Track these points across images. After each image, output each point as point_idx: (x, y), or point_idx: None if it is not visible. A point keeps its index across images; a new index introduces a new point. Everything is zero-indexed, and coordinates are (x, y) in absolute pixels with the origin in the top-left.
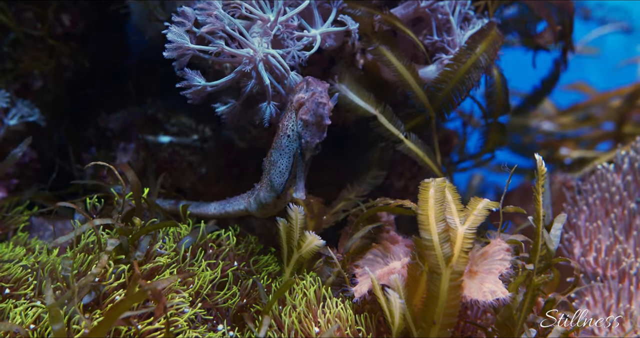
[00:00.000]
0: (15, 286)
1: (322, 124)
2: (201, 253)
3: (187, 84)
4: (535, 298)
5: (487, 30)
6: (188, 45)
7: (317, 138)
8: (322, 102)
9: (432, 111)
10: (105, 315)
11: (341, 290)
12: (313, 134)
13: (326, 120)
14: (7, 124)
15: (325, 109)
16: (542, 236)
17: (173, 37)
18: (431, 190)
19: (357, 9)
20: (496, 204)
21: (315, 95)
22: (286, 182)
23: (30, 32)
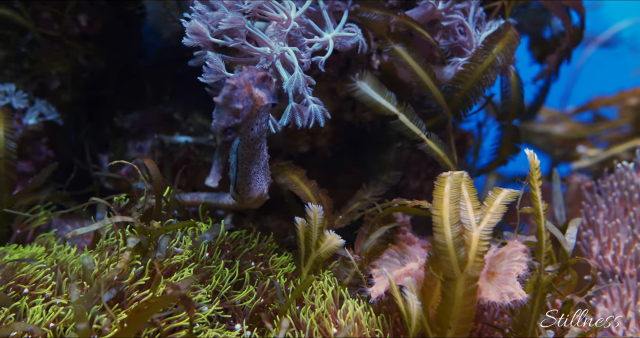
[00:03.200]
0: (34, 285)
1: (229, 106)
2: (218, 253)
3: (214, 74)
4: (545, 297)
5: (504, 31)
6: (209, 37)
7: (224, 122)
8: (230, 84)
9: (448, 111)
10: (134, 317)
11: (358, 291)
12: (220, 116)
13: (234, 103)
14: (26, 124)
15: (236, 92)
16: (544, 232)
17: (194, 24)
18: (447, 187)
19: (371, 13)
20: (516, 193)
21: (234, 78)
22: (236, 176)
23: (47, 32)
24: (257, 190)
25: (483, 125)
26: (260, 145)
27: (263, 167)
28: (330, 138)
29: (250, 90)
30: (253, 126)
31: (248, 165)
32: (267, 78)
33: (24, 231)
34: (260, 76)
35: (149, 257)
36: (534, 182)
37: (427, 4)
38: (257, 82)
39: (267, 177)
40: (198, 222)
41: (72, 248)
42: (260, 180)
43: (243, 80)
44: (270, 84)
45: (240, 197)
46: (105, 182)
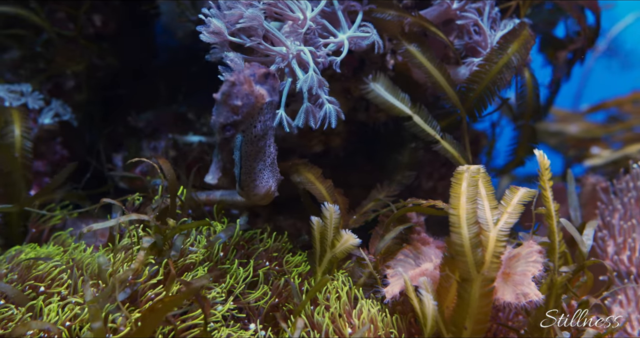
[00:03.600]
0: (50, 284)
1: (228, 103)
2: (233, 252)
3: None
4: (560, 298)
5: (519, 31)
6: (227, 35)
7: (222, 118)
8: (229, 80)
9: (463, 112)
10: (149, 315)
11: (372, 291)
12: (219, 113)
13: (233, 100)
14: (41, 123)
15: (235, 89)
16: (557, 233)
17: (213, 22)
18: (464, 184)
19: (386, 13)
20: (533, 192)
21: (233, 75)
22: (240, 173)
23: (63, 32)
24: (263, 187)
25: (496, 126)
26: (265, 143)
27: (270, 164)
28: (344, 138)
29: (250, 87)
30: (256, 123)
31: (252, 163)
32: (269, 75)
33: (40, 230)
34: (262, 73)
35: (164, 256)
36: (544, 182)
37: (442, 3)
38: (258, 79)
39: (276, 174)
40: (213, 222)
41: (88, 247)
42: (267, 178)
43: (243, 76)
44: (274, 81)
45: (246, 194)
46: (120, 181)
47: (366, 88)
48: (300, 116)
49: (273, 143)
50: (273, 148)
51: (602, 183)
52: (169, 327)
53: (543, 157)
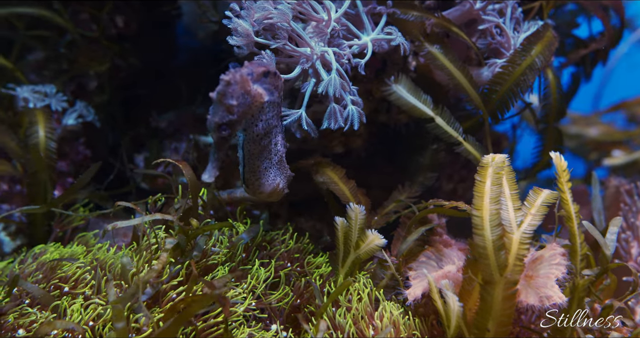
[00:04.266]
0: (74, 284)
1: (223, 102)
2: (255, 253)
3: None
4: (583, 301)
5: (543, 32)
6: (254, 37)
7: (218, 118)
8: (224, 79)
9: (485, 113)
10: (174, 317)
11: (394, 293)
12: (214, 112)
13: (227, 99)
14: (65, 124)
15: (230, 88)
16: (578, 235)
17: (241, 24)
18: (487, 183)
19: (408, 14)
20: (557, 194)
21: (229, 74)
22: (244, 172)
23: (85, 33)
24: (269, 185)
25: (517, 127)
26: (268, 141)
27: (277, 162)
28: (364, 139)
29: (246, 87)
30: (257, 122)
31: (255, 161)
32: (269, 73)
33: (63, 230)
34: (261, 72)
35: (187, 257)
36: (562, 184)
37: (465, 4)
38: (256, 78)
39: (284, 172)
40: (235, 222)
41: (112, 247)
42: (274, 176)
43: (239, 76)
44: (275, 79)
45: (251, 192)
46: (141, 181)
47: (388, 90)
48: (327, 118)
49: (281, 141)
50: (281, 146)
51: (626, 185)
52: (190, 327)
53: (560, 159)
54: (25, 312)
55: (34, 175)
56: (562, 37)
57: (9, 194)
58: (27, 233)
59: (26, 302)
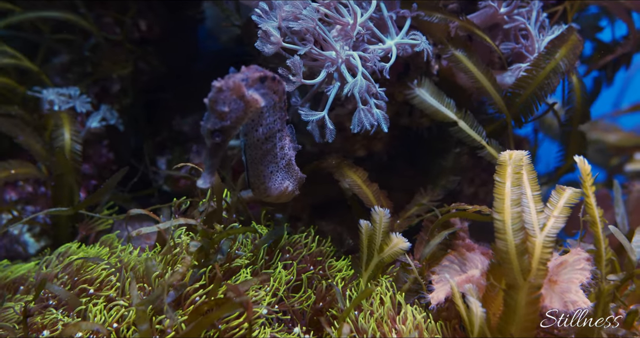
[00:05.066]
0: (99, 287)
1: (215, 109)
2: (278, 256)
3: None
4: (608, 306)
5: (567, 35)
6: (282, 43)
7: (210, 124)
8: (216, 86)
9: (509, 117)
10: (197, 320)
11: (417, 297)
12: (207, 119)
13: (219, 106)
14: (89, 127)
15: (222, 95)
16: (602, 240)
17: (271, 30)
18: (507, 184)
19: (433, 16)
20: (580, 193)
21: (221, 81)
22: (248, 176)
23: (109, 36)
24: (275, 189)
25: (539, 131)
26: (272, 145)
27: (285, 166)
28: (386, 142)
29: (240, 92)
30: (257, 127)
31: (259, 166)
32: (266, 79)
33: (88, 233)
34: (256, 77)
35: (211, 260)
36: (587, 189)
37: (489, 8)
38: (251, 83)
39: (294, 175)
40: (258, 225)
41: (135, 249)
42: (281, 179)
43: (232, 82)
44: (274, 84)
45: (258, 195)
46: (164, 184)
47: (411, 93)
48: (355, 121)
49: (289, 144)
50: (288, 150)
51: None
52: (213, 330)
53: (584, 163)
54: (50, 313)
55: (59, 178)
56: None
57: (34, 196)
58: (51, 235)
59: (51, 303)
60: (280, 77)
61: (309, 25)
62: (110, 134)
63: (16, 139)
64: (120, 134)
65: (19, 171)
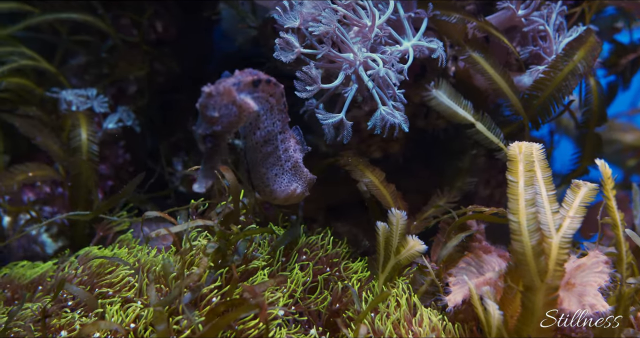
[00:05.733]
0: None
1: (205, 114)
2: (295, 257)
3: (306, 82)
4: (628, 310)
5: (585, 37)
6: (299, 48)
7: (201, 129)
8: (205, 91)
9: (526, 119)
10: (214, 323)
11: (434, 299)
12: (198, 124)
13: (209, 111)
14: (105, 128)
15: (212, 100)
16: (624, 243)
17: (291, 40)
18: (521, 183)
19: (451, 16)
20: (595, 191)
21: (211, 86)
22: (250, 179)
23: (126, 38)
24: (282, 191)
25: (555, 133)
26: (273, 148)
27: (291, 168)
28: (402, 144)
29: (231, 97)
30: (255, 130)
31: (260, 168)
32: (260, 82)
33: (106, 233)
34: (249, 81)
35: (228, 261)
36: (608, 191)
37: (507, 10)
38: (243, 88)
39: (302, 177)
40: (275, 227)
41: (152, 250)
42: (287, 182)
43: (223, 86)
44: (270, 87)
45: (265, 198)
46: (180, 185)
47: (429, 95)
48: (377, 122)
49: (294, 147)
50: (294, 152)
51: None
52: (229, 331)
53: (605, 166)
54: (66, 314)
55: (76, 178)
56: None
57: (51, 197)
58: (68, 235)
59: (69, 304)
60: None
61: (330, 29)
62: (127, 135)
63: (34, 140)
64: (136, 134)
65: (37, 173)
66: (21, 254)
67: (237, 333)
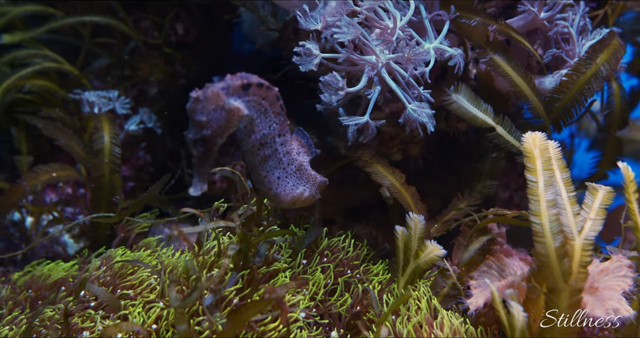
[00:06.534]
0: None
1: (193, 118)
2: (316, 260)
3: (331, 87)
4: None
5: (608, 40)
6: (319, 53)
7: (191, 134)
8: (192, 96)
9: (548, 122)
10: (232, 320)
11: (455, 302)
12: (189, 128)
13: (197, 115)
14: (127, 129)
15: (199, 105)
16: None
17: (311, 49)
18: (541, 183)
19: (472, 19)
20: (613, 194)
21: (198, 91)
22: (252, 182)
23: (148, 40)
24: (286, 195)
25: (575, 136)
26: (272, 151)
27: (295, 171)
28: (422, 146)
29: (219, 102)
30: (250, 134)
31: (260, 171)
32: (251, 86)
33: (127, 234)
34: (238, 85)
35: (249, 263)
36: (630, 194)
37: (529, 13)
38: (232, 92)
39: (309, 180)
40: (296, 229)
41: (174, 251)
42: (292, 185)
43: (211, 91)
44: (263, 91)
45: (270, 201)
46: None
47: (449, 99)
48: (403, 123)
49: (297, 149)
50: (297, 155)
51: None
52: (251, 332)
53: (627, 169)
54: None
55: (98, 180)
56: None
57: (73, 197)
58: (89, 236)
59: (92, 305)
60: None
61: (355, 37)
62: (148, 136)
63: (57, 141)
64: (157, 136)
65: (60, 174)
66: (43, 254)
67: (258, 334)
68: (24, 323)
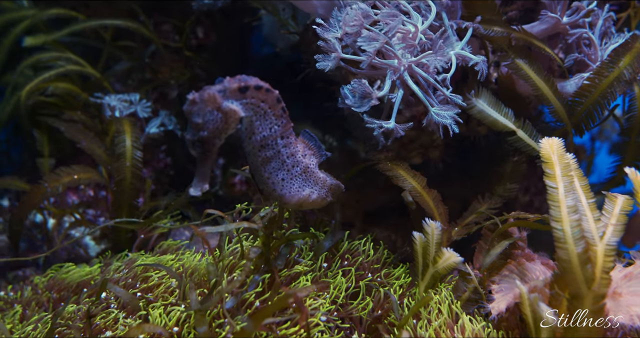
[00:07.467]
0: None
1: (190, 120)
2: (337, 263)
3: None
4: None
5: (632, 43)
6: (342, 55)
7: (190, 135)
8: (189, 99)
9: (569, 126)
10: (251, 317)
11: (476, 307)
12: (187, 129)
13: (194, 117)
14: (148, 132)
15: (195, 107)
16: None
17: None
18: (560, 189)
19: (490, 30)
20: (632, 201)
21: (194, 93)
22: (256, 183)
23: (168, 43)
24: (292, 196)
25: (596, 139)
26: (274, 153)
27: (300, 173)
28: (442, 150)
29: (215, 104)
30: (251, 135)
31: (262, 173)
32: (247, 89)
33: (148, 236)
34: (235, 88)
35: (270, 265)
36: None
37: (551, 19)
38: (229, 95)
39: (318, 182)
40: (317, 232)
41: (195, 253)
42: (297, 187)
43: (207, 93)
44: (261, 93)
45: (275, 201)
46: (220, 189)
47: (470, 104)
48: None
49: (302, 152)
50: (303, 157)
51: None
52: (272, 335)
53: (636, 175)
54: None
55: (120, 183)
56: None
57: (95, 200)
58: (110, 238)
59: (113, 306)
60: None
61: (380, 46)
62: (168, 139)
63: (79, 144)
64: (177, 138)
65: (82, 176)
66: (65, 256)
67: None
68: (48, 322)
